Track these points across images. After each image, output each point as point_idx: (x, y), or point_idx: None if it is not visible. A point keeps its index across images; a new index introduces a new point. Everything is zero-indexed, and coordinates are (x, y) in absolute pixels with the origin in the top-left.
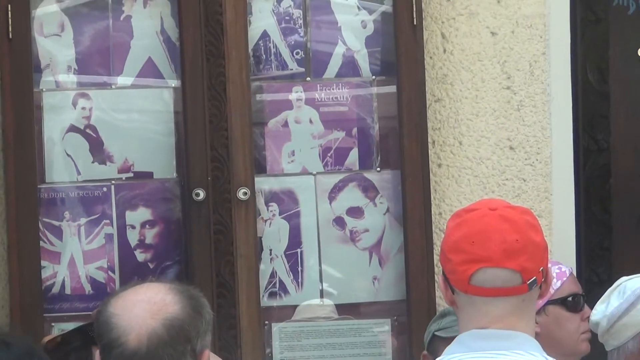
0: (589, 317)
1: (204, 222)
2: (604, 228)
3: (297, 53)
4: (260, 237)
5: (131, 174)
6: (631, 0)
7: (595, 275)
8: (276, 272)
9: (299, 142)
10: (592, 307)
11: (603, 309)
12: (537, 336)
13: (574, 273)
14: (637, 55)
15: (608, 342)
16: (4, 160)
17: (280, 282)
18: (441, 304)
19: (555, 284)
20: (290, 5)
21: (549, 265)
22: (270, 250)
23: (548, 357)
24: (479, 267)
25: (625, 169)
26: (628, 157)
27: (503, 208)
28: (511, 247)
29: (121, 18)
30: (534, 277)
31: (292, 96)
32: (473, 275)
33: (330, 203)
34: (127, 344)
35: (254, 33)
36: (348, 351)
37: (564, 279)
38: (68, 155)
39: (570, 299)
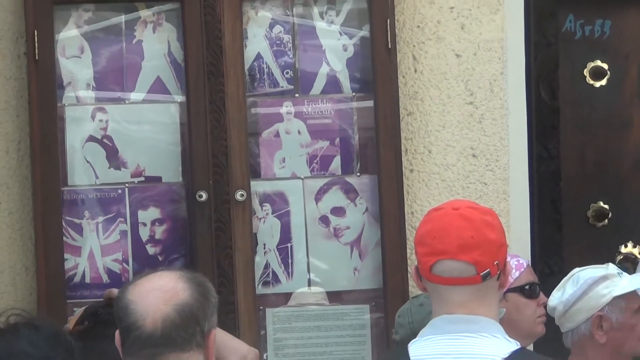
0: (544, 303)
1: (206, 220)
2: (555, 226)
3: (287, 72)
4: (255, 233)
5: (142, 178)
6: (577, 27)
7: (547, 267)
8: (269, 264)
9: (289, 150)
10: (546, 295)
11: (559, 296)
12: (500, 320)
13: (531, 271)
14: (583, 74)
15: (564, 324)
16: (31, 166)
17: (273, 272)
18: (414, 291)
19: (514, 274)
20: (280, 31)
21: (508, 258)
22: (264, 244)
23: (510, 339)
24: (438, 259)
25: (573, 174)
26: (575, 164)
27: (465, 208)
28: (466, 242)
29: (133, 42)
30: (488, 270)
31: (283, 110)
32: (433, 266)
33: (316, 203)
34: (143, 328)
35: (249, 55)
36: (333, 332)
37: (522, 269)
38: (87, 161)
39: (527, 287)
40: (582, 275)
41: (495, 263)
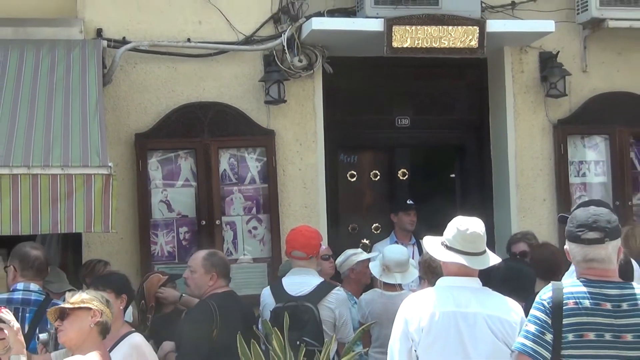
0: (333, 262)
1: (205, 233)
2: (336, 234)
3: (235, 175)
4: (224, 236)
5: (180, 216)
6: (345, 158)
7: (335, 249)
8: (229, 248)
9: (236, 205)
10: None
11: (338, 260)
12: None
13: (329, 248)
14: (347, 177)
15: (340, 270)
16: (138, 211)
17: (230, 251)
18: (285, 258)
19: (322, 251)
20: (232, 160)
21: (322, 247)
22: (227, 241)
23: (321, 277)
24: (293, 250)
25: (345, 214)
26: (347, 210)
27: (306, 228)
28: (303, 243)
29: (177, 164)
30: (312, 255)
31: (234, 189)
32: (291, 253)
33: (246, 225)
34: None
35: (221, 170)
36: (252, 274)
37: (324, 249)
38: (159, 209)
39: (326, 256)
40: (347, 252)
41: (315, 252)
